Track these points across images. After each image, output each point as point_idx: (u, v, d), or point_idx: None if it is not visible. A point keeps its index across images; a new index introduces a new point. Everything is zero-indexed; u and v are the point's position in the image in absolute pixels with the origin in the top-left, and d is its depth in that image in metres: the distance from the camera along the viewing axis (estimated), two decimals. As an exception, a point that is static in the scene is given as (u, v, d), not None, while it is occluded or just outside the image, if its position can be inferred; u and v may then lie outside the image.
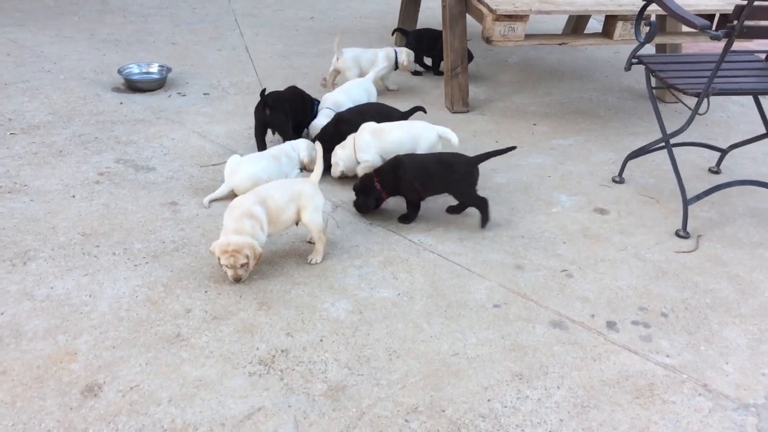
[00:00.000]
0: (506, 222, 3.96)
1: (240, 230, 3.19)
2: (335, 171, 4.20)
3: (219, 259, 3.18)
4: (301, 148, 4.20)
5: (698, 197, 3.94)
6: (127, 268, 3.34)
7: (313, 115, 4.72)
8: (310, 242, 3.61)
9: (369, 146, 4.11)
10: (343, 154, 4.15)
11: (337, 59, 5.49)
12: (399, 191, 3.87)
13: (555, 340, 3.05)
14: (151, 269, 3.34)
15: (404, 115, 4.45)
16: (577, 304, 3.30)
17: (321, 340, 2.97)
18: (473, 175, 3.90)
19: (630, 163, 4.48)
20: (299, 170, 4.18)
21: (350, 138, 4.17)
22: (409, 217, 3.91)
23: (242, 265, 3.17)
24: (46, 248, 3.44)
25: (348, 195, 4.12)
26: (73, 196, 3.91)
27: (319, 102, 4.80)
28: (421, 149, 4.11)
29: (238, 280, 3.21)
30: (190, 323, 3.00)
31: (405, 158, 3.87)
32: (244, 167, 3.94)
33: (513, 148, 4.02)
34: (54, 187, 3.98)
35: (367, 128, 4.17)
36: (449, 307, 3.23)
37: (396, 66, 5.62)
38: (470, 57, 5.65)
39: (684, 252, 3.74)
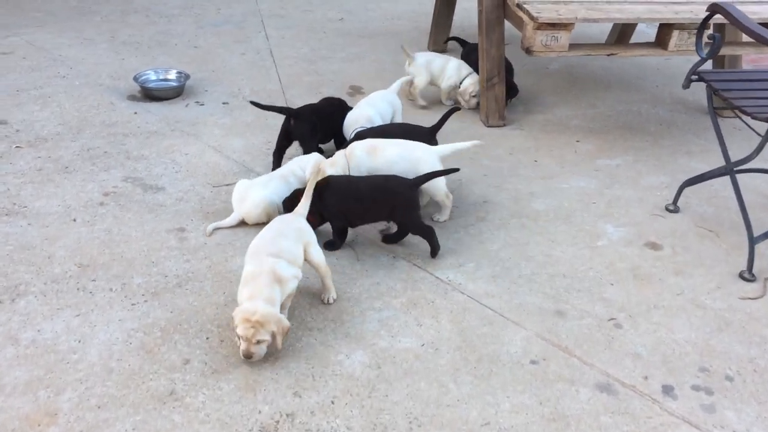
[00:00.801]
0: (545, 257, 3.55)
1: (271, 300, 2.73)
2: None
3: (236, 327, 2.70)
4: (309, 164, 3.83)
5: (767, 235, 3.47)
6: (124, 308, 3.03)
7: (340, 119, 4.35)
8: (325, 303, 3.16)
9: (360, 166, 3.65)
10: (332, 173, 3.73)
11: (409, 64, 5.17)
12: (323, 217, 3.51)
13: (602, 408, 2.64)
14: (149, 309, 3.02)
15: (433, 129, 4.04)
16: (627, 361, 2.89)
17: (332, 402, 2.61)
18: (415, 200, 3.50)
19: (686, 189, 4.02)
20: None
21: (340, 155, 3.71)
22: (334, 244, 3.52)
23: (260, 342, 2.68)
24: (39, 282, 3.15)
25: (369, 225, 3.76)
26: (74, 220, 3.62)
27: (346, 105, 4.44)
28: (422, 173, 3.56)
29: (249, 357, 2.69)
30: (186, 377, 2.67)
31: (333, 179, 3.47)
32: (254, 192, 3.60)
33: (456, 169, 3.61)
34: (55, 209, 3.70)
35: (360, 146, 3.69)
36: (479, 362, 2.85)
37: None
38: (510, 70, 5.16)
39: (749, 298, 3.30)
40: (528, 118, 5.14)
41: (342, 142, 4.25)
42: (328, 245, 3.51)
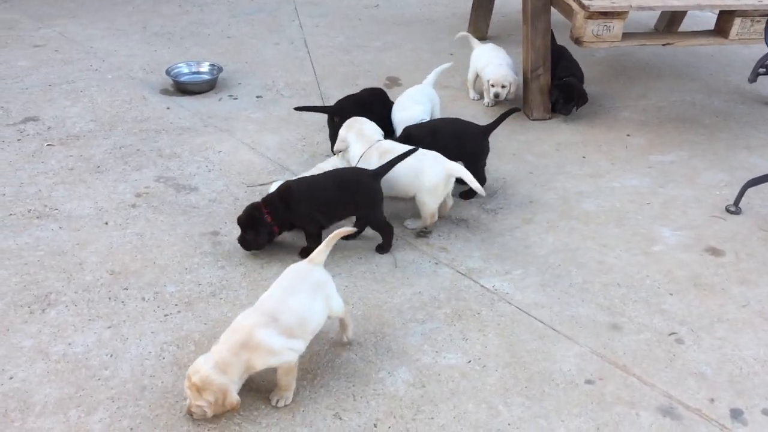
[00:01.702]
0: (598, 263, 3.34)
1: (226, 366, 2.34)
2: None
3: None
4: (327, 167, 3.65)
5: (842, 241, 3.21)
6: (156, 319, 2.91)
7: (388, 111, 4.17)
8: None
9: (370, 167, 3.40)
10: (341, 164, 3.60)
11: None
12: (293, 224, 3.30)
13: (665, 436, 2.45)
14: (182, 320, 2.90)
15: (487, 129, 3.79)
16: (691, 381, 2.68)
17: (375, 425, 2.46)
18: (378, 191, 3.30)
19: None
20: None
21: (357, 149, 3.53)
22: (309, 249, 3.17)
23: (199, 405, 2.34)
24: (70, 290, 3.05)
25: (407, 229, 3.59)
26: (106, 223, 3.52)
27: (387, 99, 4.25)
28: (423, 185, 3.36)
29: (190, 414, 2.40)
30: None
31: (294, 184, 3.29)
32: None
33: (413, 150, 3.33)
34: (86, 211, 3.60)
35: (379, 147, 3.47)
36: (530, 381, 2.67)
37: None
38: (580, 76, 4.77)
39: (823, 311, 3.05)
40: (574, 111, 4.88)
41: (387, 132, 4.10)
42: (303, 251, 3.30)
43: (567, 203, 3.81)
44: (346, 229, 2.82)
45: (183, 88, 5.03)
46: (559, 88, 4.58)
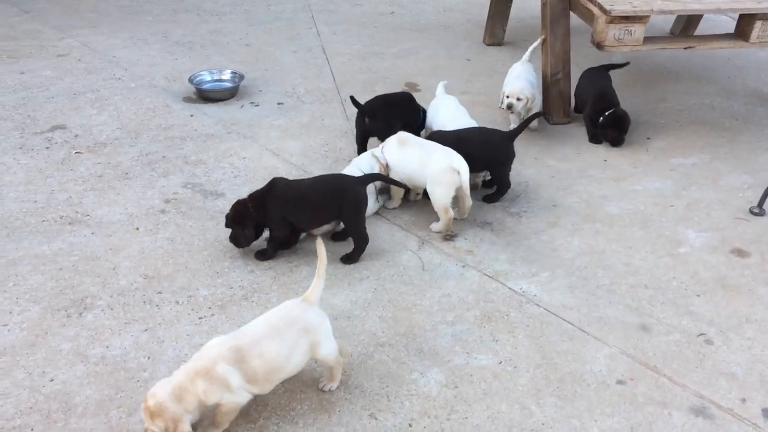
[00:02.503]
0: (624, 266, 3.37)
1: (182, 393, 2.26)
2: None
3: None
4: (362, 163, 3.71)
5: None
6: (191, 322, 2.96)
7: (420, 122, 4.23)
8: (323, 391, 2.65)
9: (390, 155, 3.67)
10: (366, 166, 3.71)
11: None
12: (265, 222, 3.31)
13: (698, 435, 2.47)
14: (216, 323, 2.95)
15: (512, 134, 3.83)
16: (722, 382, 2.69)
17: (410, 425, 2.50)
18: (363, 198, 3.36)
19: (771, 191, 3.77)
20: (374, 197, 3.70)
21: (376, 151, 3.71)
22: (266, 253, 3.35)
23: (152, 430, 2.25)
24: (105, 294, 3.10)
25: (432, 232, 3.62)
26: (137, 229, 3.57)
27: (425, 111, 4.29)
28: (428, 175, 3.49)
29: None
30: (259, 398, 2.57)
31: (278, 185, 3.31)
32: None
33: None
34: (117, 217, 3.66)
35: (396, 137, 3.70)
36: (562, 381, 2.69)
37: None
38: (613, 100, 4.56)
39: None
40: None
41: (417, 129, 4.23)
42: (259, 254, 3.35)
43: (591, 206, 3.84)
44: (323, 257, 2.60)
45: (205, 96, 5.09)
46: (612, 120, 4.38)
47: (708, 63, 5.82)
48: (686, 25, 5.85)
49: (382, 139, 4.01)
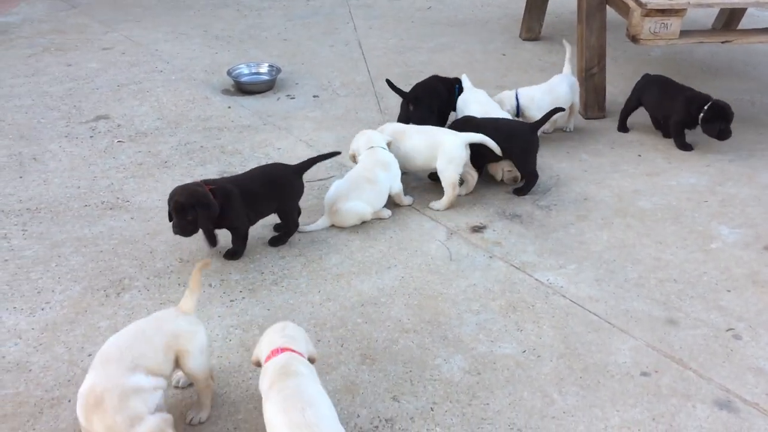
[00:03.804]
0: (654, 260, 3.35)
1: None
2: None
3: None
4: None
5: None
6: (223, 304, 3.05)
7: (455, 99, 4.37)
8: (178, 387, 2.59)
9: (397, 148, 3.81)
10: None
11: None
12: (225, 221, 3.20)
13: (723, 428, 2.45)
14: (247, 306, 3.03)
15: (534, 126, 3.85)
16: (749, 376, 2.67)
17: (432, 409, 2.54)
18: (299, 187, 3.44)
19: (809, 188, 3.70)
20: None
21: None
22: (237, 253, 3.31)
23: None
24: (142, 276, 3.22)
25: (465, 219, 3.66)
26: (174, 215, 3.68)
27: (460, 83, 4.41)
28: (443, 154, 3.65)
29: None
30: (284, 378, 2.66)
31: (226, 186, 3.20)
32: (344, 205, 3.53)
33: (337, 153, 3.66)
34: (155, 203, 3.78)
35: (388, 128, 3.89)
36: (585, 371, 2.71)
37: None
38: (728, 116, 4.12)
39: None
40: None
41: (446, 118, 4.38)
42: (231, 255, 3.32)
43: (622, 201, 3.82)
44: (204, 261, 2.55)
45: (243, 89, 5.21)
46: (715, 112, 4.09)
47: (749, 59, 5.70)
48: (728, 21, 5.75)
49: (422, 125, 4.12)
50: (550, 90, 4.34)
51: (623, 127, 4.56)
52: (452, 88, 4.39)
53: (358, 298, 3.10)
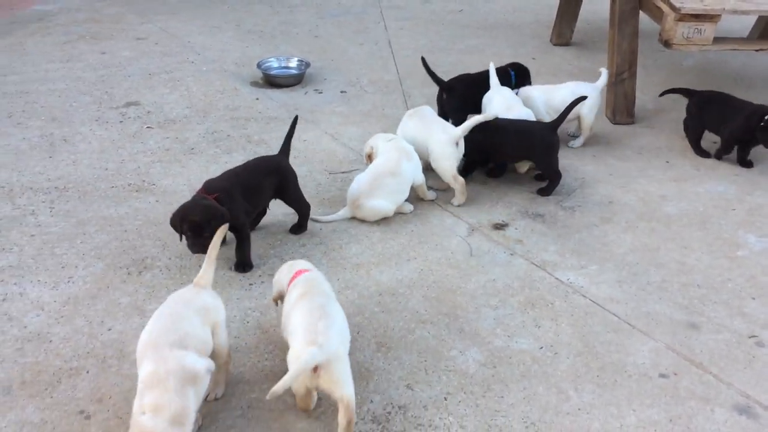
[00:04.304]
0: (678, 264, 3.30)
1: (183, 415, 2.05)
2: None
3: None
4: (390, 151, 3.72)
5: None
6: (242, 287, 3.08)
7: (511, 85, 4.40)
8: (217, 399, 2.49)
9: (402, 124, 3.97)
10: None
11: None
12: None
13: (741, 433, 2.41)
14: (265, 290, 3.05)
15: (554, 124, 3.84)
16: (770, 384, 2.62)
17: (445, 398, 2.53)
18: (293, 173, 3.44)
19: (842, 200, 3.62)
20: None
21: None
22: (246, 264, 3.15)
23: None
24: (164, 257, 3.26)
25: (487, 216, 3.64)
26: (198, 199, 3.72)
27: (516, 68, 4.49)
28: (432, 151, 3.70)
29: None
30: (300, 360, 2.66)
31: (224, 183, 3.14)
32: (367, 202, 3.51)
33: (296, 117, 3.63)
34: (180, 187, 3.83)
35: (411, 110, 4.03)
36: (602, 370, 2.67)
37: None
38: None
39: None
40: (659, 117, 4.82)
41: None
42: (241, 267, 3.16)
43: (648, 205, 3.78)
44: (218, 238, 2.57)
45: (272, 81, 5.26)
46: None
47: (785, 71, 5.61)
48: (763, 32, 5.64)
49: (456, 116, 4.17)
50: (546, 91, 4.34)
51: (701, 151, 4.26)
52: (506, 75, 4.41)
53: (376, 288, 3.10)
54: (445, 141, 3.67)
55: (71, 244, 3.33)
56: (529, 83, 4.51)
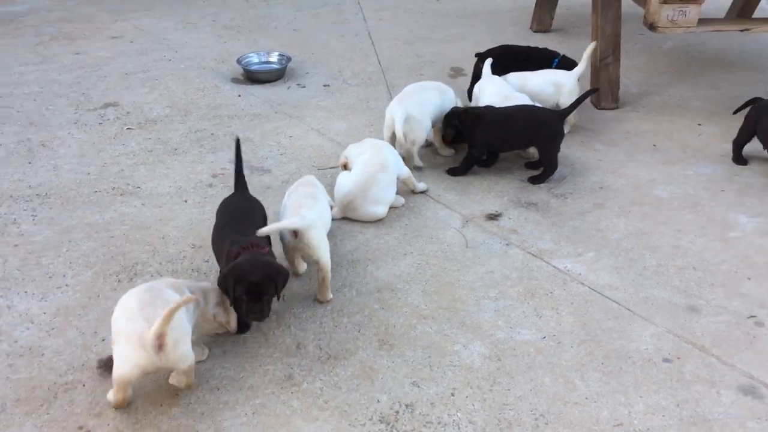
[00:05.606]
0: (672, 248, 3.31)
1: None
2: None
3: None
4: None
5: None
6: (237, 289, 3.01)
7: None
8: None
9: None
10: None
11: None
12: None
13: (748, 413, 2.42)
14: (262, 292, 2.99)
15: (563, 114, 3.87)
16: (773, 364, 2.63)
17: (452, 394, 2.50)
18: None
19: (829, 177, 3.65)
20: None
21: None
22: (265, 311, 2.60)
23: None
24: (155, 261, 3.18)
25: (479, 207, 3.62)
26: (186, 201, 3.65)
27: (559, 57, 4.51)
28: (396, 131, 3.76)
29: None
30: (302, 362, 2.63)
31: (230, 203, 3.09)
32: (362, 207, 3.46)
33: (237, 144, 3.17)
34: (166, 189, 3.75)
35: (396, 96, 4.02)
36: (607, 358, 2.67)
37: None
38: None
39: None
40: (643, 100, 4.83)
41: None
42: (259, 314, 2.67)
43: (639, 190, 3.78)
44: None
45: (253, 77, 5.17)
46: None
47: (762, 51, 5.65)
48: (741, 12, 5.67)
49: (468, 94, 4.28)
50: (521, 77, 4.31)
51: (740, 159, 4.02)
52: (549, 60, 4.50)
53: (374, 285, 3.06)
54: (398, 116, 3.78)
55: (57, 252, 3.24)
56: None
